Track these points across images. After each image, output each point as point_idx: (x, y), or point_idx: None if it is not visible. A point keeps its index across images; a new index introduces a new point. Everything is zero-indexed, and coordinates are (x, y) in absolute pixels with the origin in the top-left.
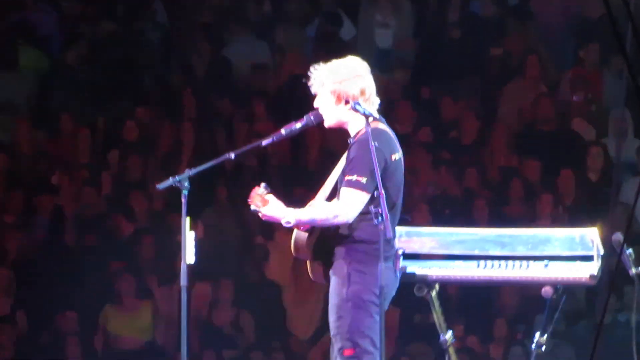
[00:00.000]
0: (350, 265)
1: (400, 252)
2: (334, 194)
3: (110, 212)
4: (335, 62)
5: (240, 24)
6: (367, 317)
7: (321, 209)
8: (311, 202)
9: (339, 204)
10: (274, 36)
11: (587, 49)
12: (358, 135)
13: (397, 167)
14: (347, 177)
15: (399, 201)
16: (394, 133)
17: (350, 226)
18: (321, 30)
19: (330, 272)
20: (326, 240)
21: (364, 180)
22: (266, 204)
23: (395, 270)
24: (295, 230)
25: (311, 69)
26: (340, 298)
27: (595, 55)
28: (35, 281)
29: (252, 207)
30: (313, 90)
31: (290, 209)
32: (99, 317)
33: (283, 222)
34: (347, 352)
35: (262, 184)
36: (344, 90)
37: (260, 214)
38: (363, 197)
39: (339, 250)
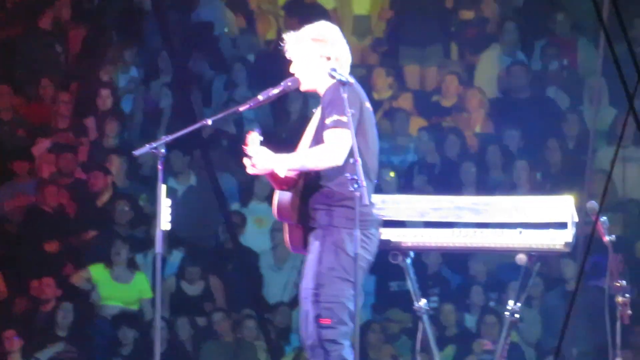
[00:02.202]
0: (338, 233)
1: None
2: (316, 144)
3: (88, 178)
4: (309, 28)
5: None
6: (347, 288)
7: (310, 153)
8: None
9: (324, 146)
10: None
11: (561, 17)
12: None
13: (369, 115)
14: (327, 120)
15: (375, 162)
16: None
17: (332, 187)
18: None
19: (312, 237)
20: (308, 203)
21: (344, 119)
22: (258, 152)
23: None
24: (278, 192)
25: (286, 35)
26: (323, 266)
27: (569, 23)
28: (13, 247)
29: (249, 152)
30: (288, 56)
31: (280, 156)
32: (79, 284)
33: (276, 169)
34: (324, 321)
35: (257, 129)
36: (318, 54)
37: (252, 165)
38: (347, 135)
39: (323, 215)
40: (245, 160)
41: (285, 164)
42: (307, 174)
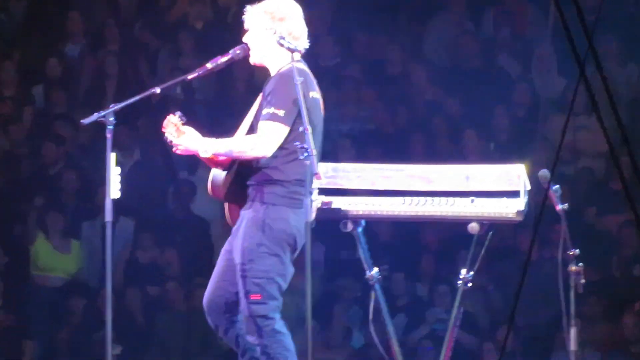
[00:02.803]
0: (266, 210)
1: (315, 203)
2: (252, 131)
3: (35, 147)
4: (271, 1)
5: None
6: (277, 264)
7: (239, 141)
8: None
9: (256, 136)
10: None
11: None
12: (278, 72)
13: (313, 105)
14: (265, 110)
15: (318, 140)
16: (311, 74)
17: (266, 166)
18: None
19: (242, 212)
20: (241, 180)
21: (281, 113)
22: (181, 134)
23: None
24: (213, 170)
25: (248, 6)
26: (252, 241)
27: None
28: None
29: (167, 135)
30: (246, 25)
31: (207, 139)
32: (27, 254)
33: (200, 152)
34: (254, 297)
35: (177, 113)
36: (274, 27)
37: (175, 146)
38: (281, 130)
39: (254, 191)
40: (166, 136)
41: (210, 148)
42: None
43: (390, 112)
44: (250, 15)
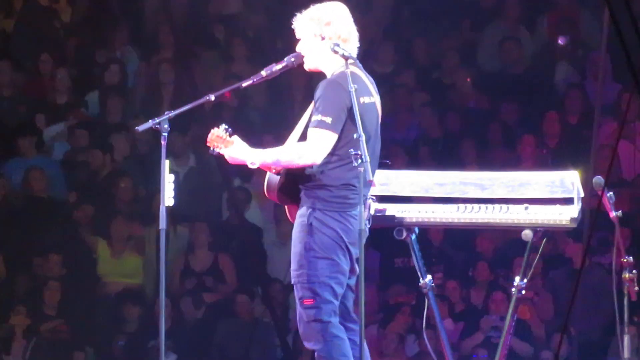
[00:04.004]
0: (312, 213)
1: (369, 202)
2: (304, 137)
3: (91, 154)
4: (318, 7)
5: None
6: (328, 267)
7: (287, 150)
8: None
9: (304, 144)
10: None
11: None
12: (327, 78)
13: (365, 110)
14: (314, 118)
15: (374, 145)
16: (370, 78)
17: (315, 170)
18: None
19: (296, 215)
20: (293, 182)
21: (329, 120)
22: (229, 145)
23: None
24: (269, 173)
25: (296, 14)
26: (302, 246)
27: None
28: (15, 225)
29: (211, 150)
30: (297, 35)
31: (255, 150)
32: (86, 264)
33: (248, 163)
34: (308, 302)
35: (222, 125)
36: (325, 33)
37: (224, 156)
38: (329, 137)
39: (303, 195)
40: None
41: (258, 158)
42: None
43: (443, 118)
44: (299, 24)
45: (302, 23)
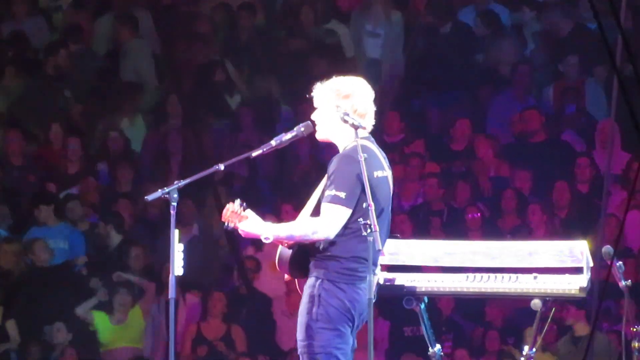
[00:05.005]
0: (320, 284)
1: (376, 278)
2: (318, 210)
3: (99, 223)
4: (340, 79)
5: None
6: (335, 338)
7: (300, 225)
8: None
9: (318, 219)
10: None
11: (567, 61)
12: (340, 153)
13: (378, 184)
14: (327, 192)
15: (385, 218)
16: (382, 152)
17: (326, 246)
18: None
19: (304, 286)
20: (304, 255)
21: (342, 195)
22: (243, 219)
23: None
24: (280, 247)
25: (317, 84)
26: (309, 317)
27: (576, 67)
28: (25, 294)
29: (226, 225)
30: (314, 103)
31: (269, 224)
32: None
33: (262, 238)
34: None
35: (237, 200)
36: (341, 105)
37: (238, 230)
38: (343, 212)
39: (312, 265)
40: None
41: (272, 233)
42: None
43: (454, 186)
44: (318, 93)
45: (322, 92)
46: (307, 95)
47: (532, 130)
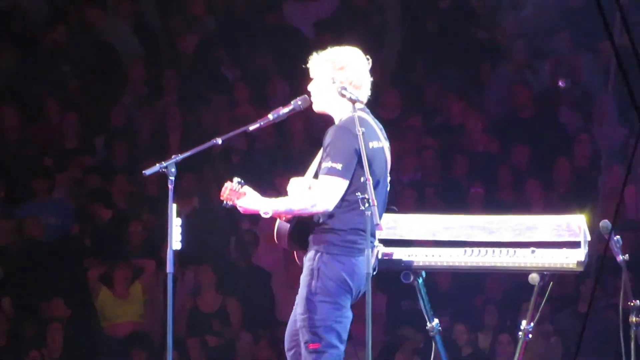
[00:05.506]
0: (320, 257)
1: (376, 250)
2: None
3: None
4: (335, 50)
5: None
6: (334, 311)
7: (298, 198)
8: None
9: (316, 192)
10: None
11: (563, 36)
12: (336, 124)
13: (374, 155)
14: (323, 164)
15: (382, 190)
16: (378, 123)
17: (323, 214)
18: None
19: (304, 259)
20: (302, 228)
21: (339, 166)
22: (241, 196)
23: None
24: (278, 220)
25: (313, 54)
26: (307, 290)
27: (571, 42)
28: (22, 270)
29: (225, 203)
30: (311, 74)
31: (267, 199)
32: (91, 304)
33: (261, 213)
34: (313, 346)
35: (235, 179)
36: (336, 76)
37: (237, 207)
38: (340, 184)
39: (311, 239)
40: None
41: (270, 208)
42: None
43: (451, 162)
44: (314, 64)
45: (317, 64)
46: (303, 66)
47: (529, 105)
